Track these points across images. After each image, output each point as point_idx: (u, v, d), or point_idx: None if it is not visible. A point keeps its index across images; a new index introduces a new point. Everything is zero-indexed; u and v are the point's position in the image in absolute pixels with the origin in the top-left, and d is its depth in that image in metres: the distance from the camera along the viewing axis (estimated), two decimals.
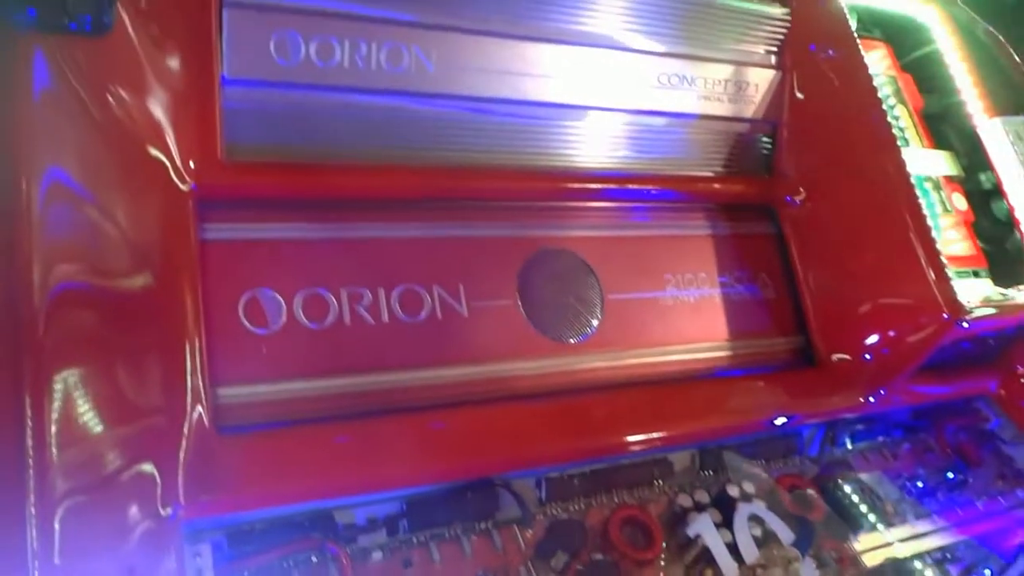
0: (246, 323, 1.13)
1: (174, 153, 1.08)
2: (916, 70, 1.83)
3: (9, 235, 0.88)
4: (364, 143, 1.25)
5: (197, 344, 1.05)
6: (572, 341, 1.35)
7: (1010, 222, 1.71)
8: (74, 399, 0.91)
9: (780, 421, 1.43)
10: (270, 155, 1.19)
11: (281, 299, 1.16)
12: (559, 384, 1.31)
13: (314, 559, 1.07)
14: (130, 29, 1.02)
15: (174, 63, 1.08)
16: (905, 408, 1.64)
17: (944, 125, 1.81)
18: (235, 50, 1.14)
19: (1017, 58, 1.77)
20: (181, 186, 1.09)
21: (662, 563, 1.26)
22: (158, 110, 1.06)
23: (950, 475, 1.63)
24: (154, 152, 1.06)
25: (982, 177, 1.75)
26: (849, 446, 1.58)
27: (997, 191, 1.73)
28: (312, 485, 1.06)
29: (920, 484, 1.59)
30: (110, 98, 0.99)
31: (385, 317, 1.22)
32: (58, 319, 0.92)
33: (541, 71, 1.38)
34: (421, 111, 1.29)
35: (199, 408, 1.02)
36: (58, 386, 0.90)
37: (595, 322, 1.38)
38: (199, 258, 1.10)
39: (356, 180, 1.24)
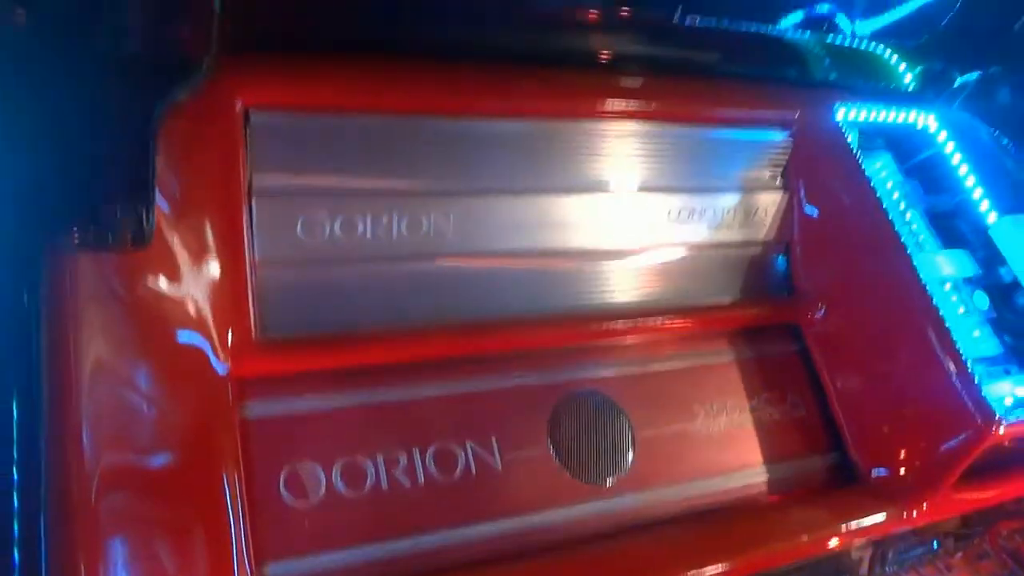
0: (287, 497, 1.16)
1: (212, 338, 1.14)
2: (921, 173, 1.86)
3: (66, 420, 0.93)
4: (391, 308, 1.31)
5: (241, 521, 1.08)
6: (608, 483, 1.36)
7: None
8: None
9: (826, 546, 1.42)
10: (303, 329, 1.24)
11: (320, 470, 1.19)
12: (598, 528, 1.32)
13: None
14: (165, 234, 1.09)
15: (208, 254, 1.15)
16: (954, 516, 1.61)
17: (956, 221, 1.83)
18: (264, 235, 1.21)
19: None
20: (219, 370, 1.14)
21: None
22: (194, 301, 1.12)
23: None
24: (193, 340, 1.12)
25: (1001, 271, 1.76)
26: (899, 561, 1.56)
27: (1017, 283, 1.73)
28: None
29: None
30: (150, 296, 1.05)
31: (421, 478, 1.24)
32: (107, 497, 0.97)
33: (555, 220, 1.43)
34: (443, 272, 1.35)
35: None
36: (107, 559, 0.94)
37: (628, 461, 1.39)
38: (239, 436, 1.14)
39: (383, 346, 1.28)
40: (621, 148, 1.50)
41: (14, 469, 0.92)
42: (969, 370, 1.45)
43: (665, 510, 1.38)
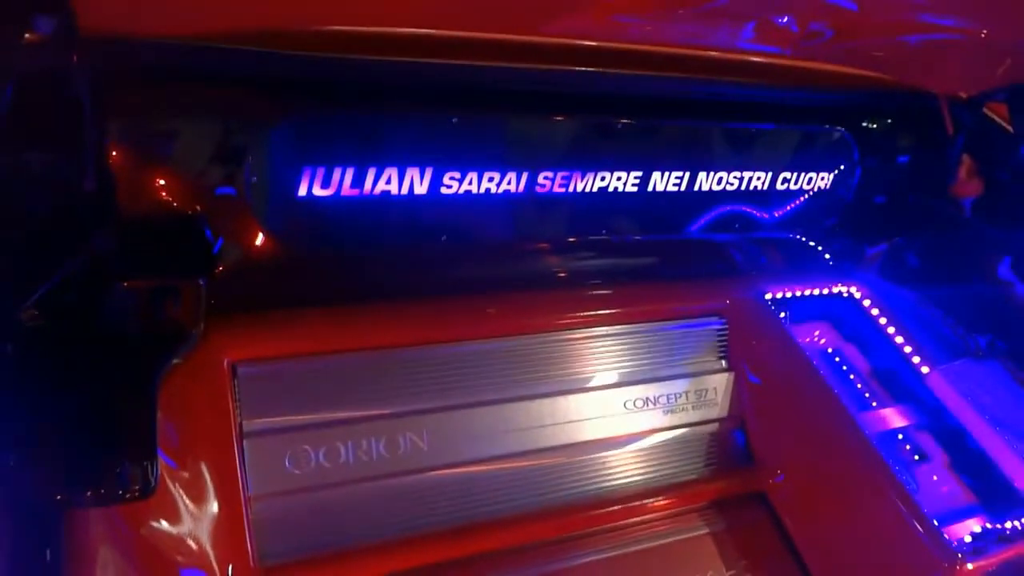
0: None
1: (214, 572, 1.25)
2: (860, 341, 2.03)
3: None
4: (378, 524, 1.43)
5: None
6: None
7: (986, 453, 1.82)
8: None
9: None
10: (298, 553, 1.35)
11: None
12: None
13: None
14: (167, 481, 1.23)
15: (207, 495, 1.29)
16: None
17: (899, 379, 1.98)
18: (257, 472, 1.35)
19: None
20: None
21: None
22: (196, 539, 1.25)
23: None
24: (196, 570, 1.23)
25: (947, 417, 1.88)
26: None
27: (964, 427, 1.85)
28: None
29: None
30: (156, 539, 1.18)
31: None
32: None
33: (521, 425, 1.58)
34: (422, 484, 1.48)
35: None
36: None
37: None
38: None
39: (373, 560, 1.39)
40: (573, 354, 1.67)
41: None
42: (926, 515, 1.55)
43: None
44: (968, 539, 1.58)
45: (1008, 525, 1.66)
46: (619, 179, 1.61)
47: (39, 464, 1.07)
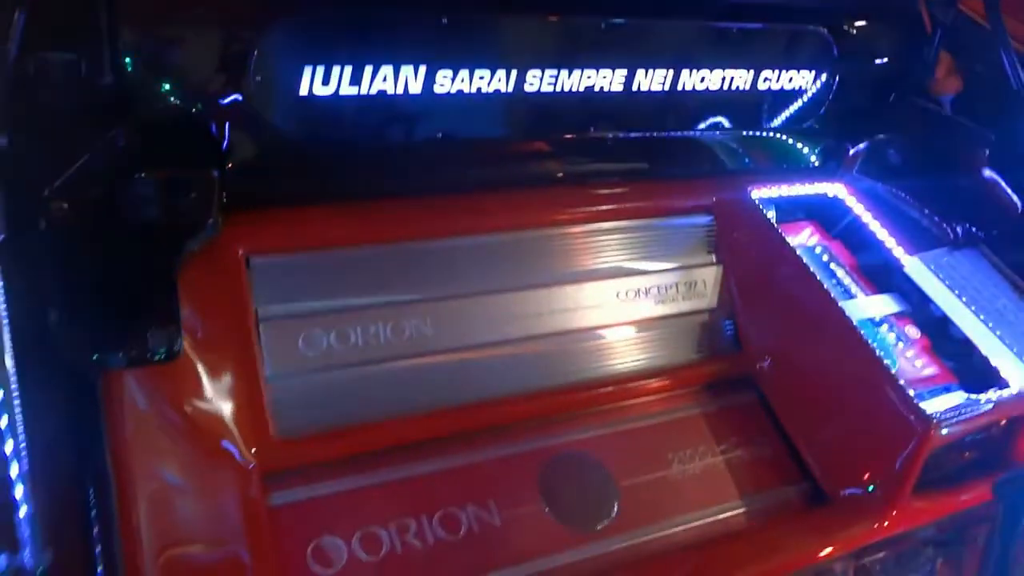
0: (315, 567, 1.35)
1: (237, 440, 1.37)
2: (846, 237, 2.12)
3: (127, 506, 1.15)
4: (385, 402, 1.54)
5: None
6: (598, 528, 1.54)
7: (968, 340, 1.91)
8: None
9: (807, 559, 1.57)
10: (313, 427, 1.47)
11: (341, 542, 1.39)
12: (595, 568, 1.49)
13: None
14: (192, 358, 1.34)
15: (229, 372, 1.40)
16: (929, 525, 1.75)
17: (885, 275, 2.07)
18: (272, 353, 1.46)
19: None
20: (247, 466, 1.37)
21: None
22: (220, 410, 1.36)
23: None
24: (222, 443, 1.35)
25: (931, 307, 1.97)
26: (883, 573, 1.69)
27: (947, 317, 1.94)
28: None
29: None
30: (183, 405, 1.30)
31: (430, 540, 1.43)
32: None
33: (519, 313, 1.69)
34: (427, 367, 1.59)
35: None
36: None
37: (614, 508, 1.57)
38: (269, 521, 1.35)
39: (385, 433, 1.51)
40: (566, 247, 1.77)
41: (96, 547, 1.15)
42: (904, 388, 1.65)
43: (652, 547, 1.55)
44: (944, 410, 1.67)
45: (983, 398, 1.76)
46: (604, 78, 1.69)
47: (76, 331, 1.19)
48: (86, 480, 1.18)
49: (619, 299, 1.79)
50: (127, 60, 1.31)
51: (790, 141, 2.06)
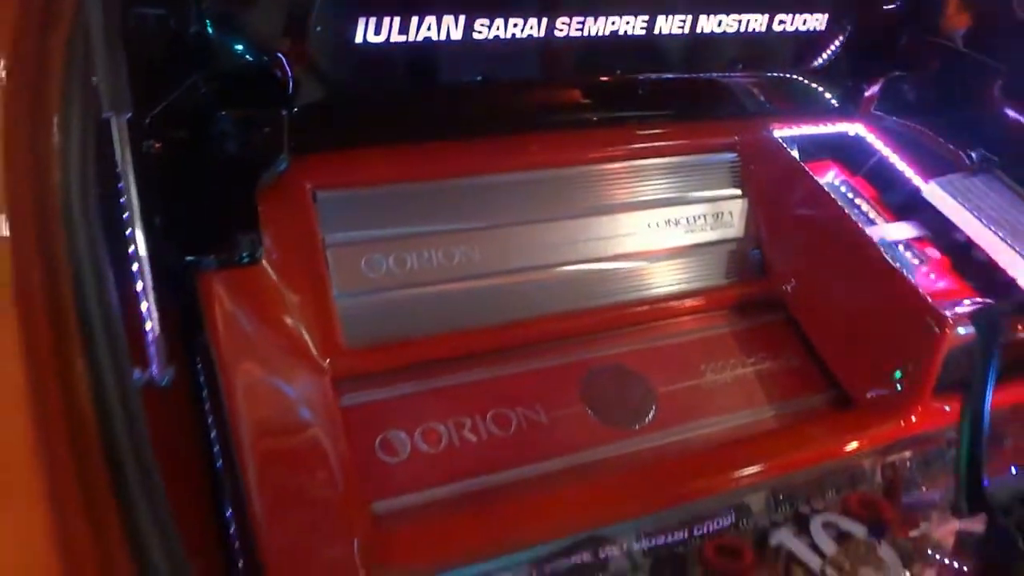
0: (382, 456, 1.53)
1: (311, 348, 1.55)
2: (869, 176, 2.24)
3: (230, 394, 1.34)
4: (440, 318, 1.71)
5: (350, 475, 1.45)
6: (637, 427, 1.69)
7: (989, 263, 2.01)
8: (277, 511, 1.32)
9: (837, 452, 1.69)
10: (379, 338, 1.64)
11: (405, 435, 1.56)
12: (634, 460, 1.64)
13: None
14: (273, 275, 1.53)
15: (301, 288, 1.58)
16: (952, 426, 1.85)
17: (907, 209, 2.18)
18: (339, 274, 1.65)
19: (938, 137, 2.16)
20: (321, 370, 1.55)
21: (755, 573, 1.50)
22: (297, 319, 1.54)
23: None
24: (301, 348, 1.53)
25: (953, 234, 2.08)
26: (910, 470, 1.80)
27: (970, 240, 2.05)
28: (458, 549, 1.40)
29: None
30: (266, 311, 1.48)
31: (484, 435, 1.60)
32: (263, 464, 1.35)
33: (561, 241, 1.85)
34: (477, 289, 1.76)
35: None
36: (268, 503, 1.31)
37: (652, 410, 1.72)
38: (342, 419, 1.53)
39: (440, 345, 1.68)
40: (601, 182, 1.93)
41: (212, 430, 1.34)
42: (923, 293, 1.77)
43: (686, 443, 1.69)
44: (961, 312, 1.79)
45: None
46: (628, 23, 1.85)
47: (174, 239, 1.39)
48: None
49: (651, 229, 1.94)
50: (208, 15, 1.51)
51: (808, 83, 2.20)
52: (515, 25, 1.75)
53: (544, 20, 1.77)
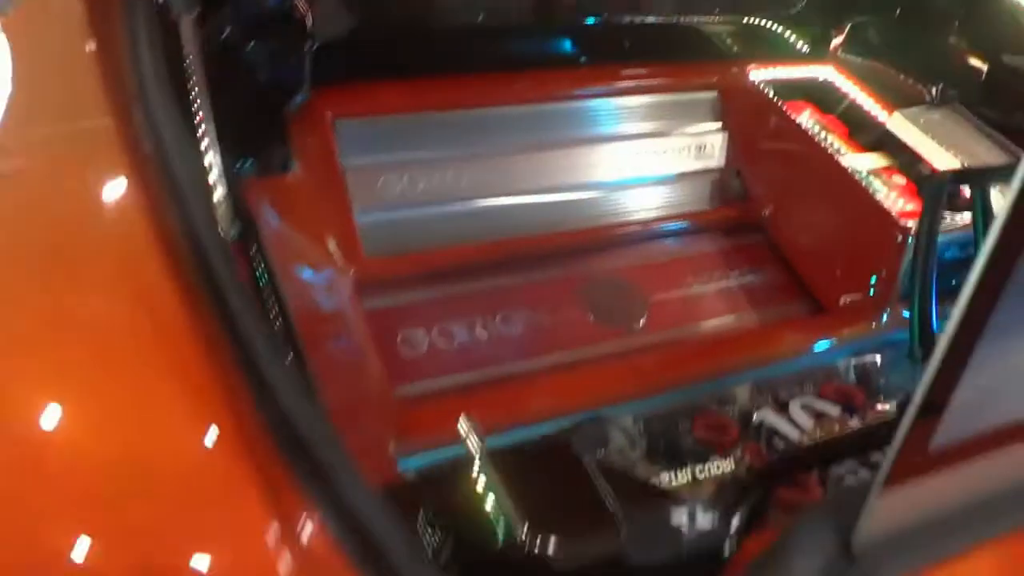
0: (404, 350, 1.69)
1: (337, 256, 1.72)
2: (844, 118, 2.42)
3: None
4: (449, 233, 1.88)
5: (378, 363, 1.61)
6: (632, 329, 1.86)
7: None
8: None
9: (815, 347, 1.87)
10: (391, 249, 1.82)
11: (423, 333, 1.72)
12: (629, 353, 1.81)
13: None
14: (298, 185, 1.70)
15: (325, 204, 1.75)
16: None
17: (871, 136, 2.36)
18: (357, 193, 1.81)
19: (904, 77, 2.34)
20: (347, 275, 1.71)
21: (740, 446, 1.67)
22: (324, 231, 1.71)
23: None
24: (328, 254, 1.70)
25: (920, 166, 2.26)
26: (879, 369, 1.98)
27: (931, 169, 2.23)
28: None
29: None
30: (299, 217, 1.65)
31: (493, 333, 1.77)
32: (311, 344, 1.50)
33: (557, 167, 2.03)
34: (483, 208, 1.94)
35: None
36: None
37: (645, 315, 1.89)
38: (367, 319, 1.69)
39: (453, 257, 1.85)
40: (599, 116, 2.10)
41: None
42: (887, 209, 1.95)
43: (676, 339, 1.87)
44: None
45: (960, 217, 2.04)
46: None
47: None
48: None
49: (641, 158, 2.12)
50: None
51: (781, 30, 2.38)
52: None
53: None
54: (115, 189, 1.09)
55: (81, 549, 0.76)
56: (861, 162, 2.25)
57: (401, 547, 0.77)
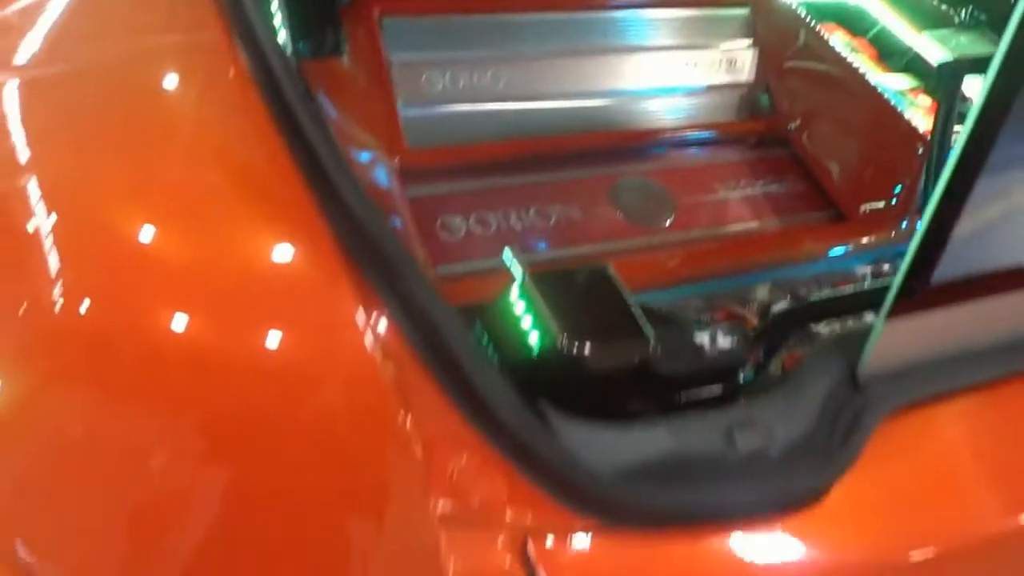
0: (442, 234, 1.79)
1: (382, 145, 1.81)
2: (874, 43, 2.48)
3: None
4: (490, 130, 1.98)
5: (419, 247, 1.71)
6: (659, 228, 1.95)
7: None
8: None
9: (834, 252, 1.95)
10: (432, 142, 1.91)
11: (461, 220, 1.82)
12: (655, 250, 1.90)
13: None
14: (346, 73, 1.79)
15: (370, 96, 1.84)
16: None
17: (902, 59, 2.41)
18: (401, 87, 1.90)
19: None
20: (391, 164, 1.81)
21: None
22: (371, 115, 1.80)
23: None
24: (374, 140, 1.79)
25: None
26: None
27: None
28: None
29: None
30: (347, 103, 1.74)
31: (527, 224, 1.86)
32: None
33: (596, 72, 2.11)
34: (521, 108, 2.02)
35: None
36: None
37: (672, 215, 1.98)
38: (410, 206, 1.79)
39: (491, 152, 1.95)
40: (633, 27, 2.17)
41: None
42: (911, 122, 2.02)
43: (701, 239, 1.96)
44: None
45: None
46: None
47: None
48: None
49: (673, 68, 2.19)
50: None
51: None
52: None
53: None
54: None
55: (189, 329, 0.87)
56: (888, 81, 2.31)
57: (470, 351, 0.87)
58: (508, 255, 1.07)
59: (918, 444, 1.04)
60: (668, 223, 1.97)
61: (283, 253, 0.91)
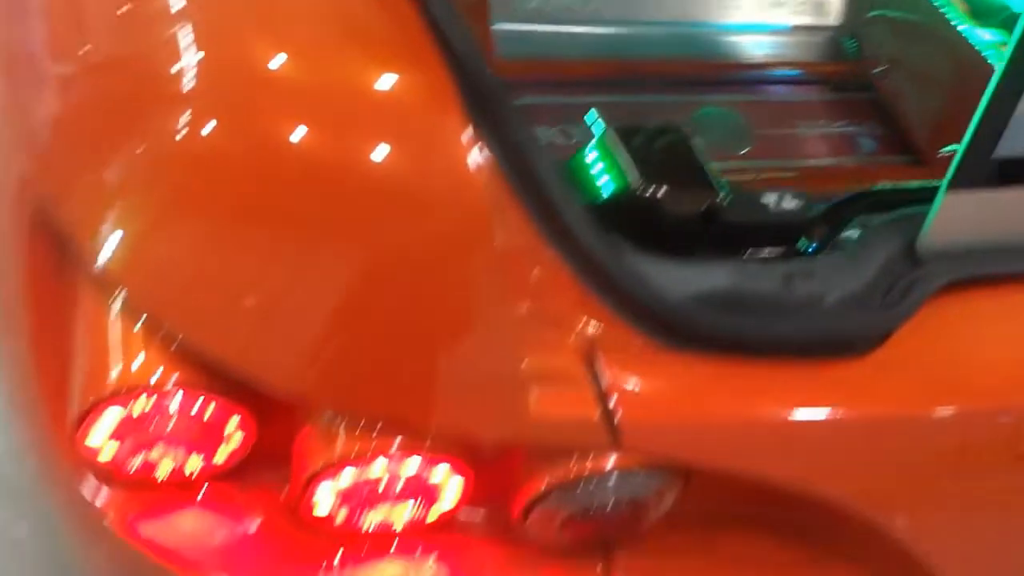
0: None
1: None
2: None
3: None
4: (577, 48, 2.06)
5: None
6: (737, 154, 2.01)
7: None
8: None
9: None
10: (527, 57, 2.00)
11: (546, 129, 1.90)
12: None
13: None
14: None
15: (467, 10, 1.92)
16: None
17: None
18: (496, 5, 1.99)
19: None
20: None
21: None
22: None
23: None
24: None
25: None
26: None
27: None
28: None
29: None
30: None
31: None
32: None
33: (691, 3, 2.17)
34: (610, 32, 2.10)
35: None
36: None
37: (750, 146, 2.03)
38: None
39: (578, 69, 2.03)
40: None
41: None
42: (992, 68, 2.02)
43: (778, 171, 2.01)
44: None
45: None
46: None
47: None
48: None
49: (759, 5, 2.23)
50: None
51: None
52: None
53: None
54: None
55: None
56: (979, 34, 2.31)
57: (555, 179, 0.96)
58: (593, 113, 1.15)
59: (972, 316, 1.09)
60: (744, 153, 2.02)
61: (399, 80, 1.01)
